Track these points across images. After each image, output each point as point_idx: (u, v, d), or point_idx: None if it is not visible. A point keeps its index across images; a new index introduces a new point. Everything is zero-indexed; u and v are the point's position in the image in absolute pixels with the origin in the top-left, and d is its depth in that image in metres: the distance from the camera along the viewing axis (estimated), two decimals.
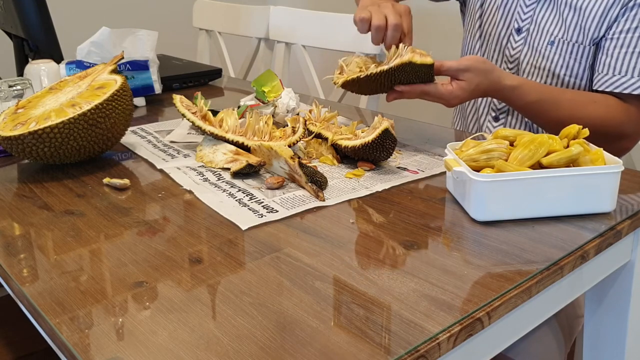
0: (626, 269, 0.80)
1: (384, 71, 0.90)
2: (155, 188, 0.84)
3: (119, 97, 0.90)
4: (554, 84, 1.07)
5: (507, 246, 0.67)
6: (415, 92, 0.92)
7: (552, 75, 1.07)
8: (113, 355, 0.49)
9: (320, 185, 0.80)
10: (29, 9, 1.25)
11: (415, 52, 0.89)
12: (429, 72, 0.90)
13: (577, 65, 1.05)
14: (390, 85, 0.92)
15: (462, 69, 0.91)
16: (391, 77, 0.91)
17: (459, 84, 0.91)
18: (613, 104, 1.01)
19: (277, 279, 0.60)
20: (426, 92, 0.92)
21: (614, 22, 1.00)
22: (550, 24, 1.07)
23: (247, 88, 1.47)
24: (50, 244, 0.69)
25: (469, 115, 1.26)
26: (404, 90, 0.92)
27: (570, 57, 1.05)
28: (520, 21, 1.11)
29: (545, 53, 1.07)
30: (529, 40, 1.10)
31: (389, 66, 0.89)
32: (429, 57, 0.88)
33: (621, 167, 0.73)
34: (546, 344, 0.99)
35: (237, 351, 0.49)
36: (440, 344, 0.52)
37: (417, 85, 0.91)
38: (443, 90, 0.91)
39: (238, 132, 0.94)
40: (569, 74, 1.06)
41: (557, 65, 1.06)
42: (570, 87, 1.07)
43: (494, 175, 0.71)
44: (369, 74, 0.92)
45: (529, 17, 1.10)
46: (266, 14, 1.76)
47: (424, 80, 0.91)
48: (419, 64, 0.88)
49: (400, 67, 0.89)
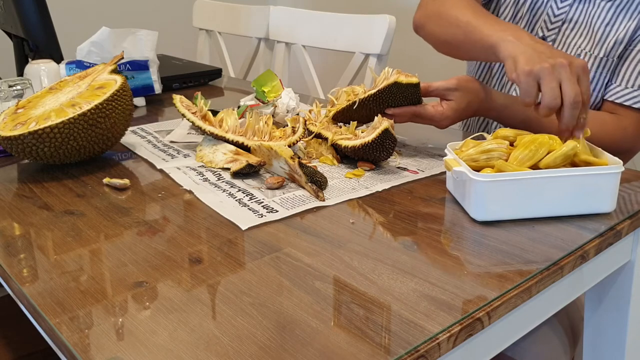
0: (626, 269, 0.80)
1: (372, 95, 0.91)
2: (155, 188, 0.84)
3: (119, 97, 0.90)
4: None
5: (507, 246, 0.67)
6: (406, 115, 0.92)
7: None
8: (113, 355, 0.49)
9: (320, 185, 0.80)
10: (29, 9, 1.25)
11: (401, 73, 0.90)
12: (416, 91, 0.90)
13: (602, 78, 1.01)
14: (379, 109, 0.93)
15: (451, 89, 0.90)
16: (379, 101, 0.91)
17: (449, 104, 0.91)
18: (609, 122, 0.99)
19: (277, 279, 0.60)
20: (417, 114, 0.91)
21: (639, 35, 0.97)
22: (578, 37, 1.03)
23: (247, 88, 1.47)
24: (50, 244, 0.69)
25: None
26: (395, 112, 0.91)
27: (597, 71, 1.01)
28: (546, 30, 1.07)
29: None
30: None
31: (376, 90, 0.91)
32: (414, 77, 0.89)
33: (621, 167, 0.73)
34: (548, 344, 0.99)
35: (237, 351, 0.49)
36: (440, 344, 0.52)
37: (407, 108, 0.91)
38: (434, 112, 0.91)
39: (238, 132, 0.94)
40: (591, 88, 1.02)
41: None
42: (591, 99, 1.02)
43: (494, 175, 0.71)
44: (356, 100, 0.93)
45: (557, 27, 1.06)
46: (266, 14, 1.76)
47: (412, 101, 0.91)
48: (405, 84, 0.89)
49: (387, 89, 0.90)
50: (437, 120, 0.92)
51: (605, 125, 0.98)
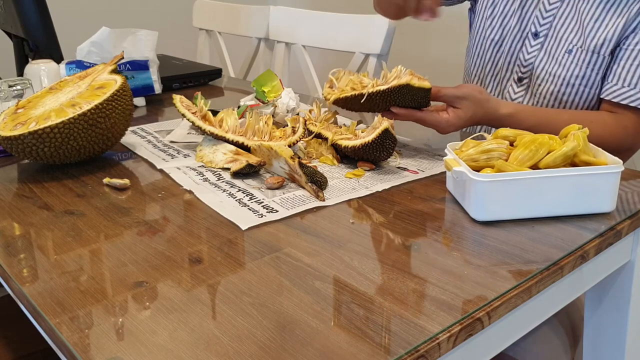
0: (626, 269, 0.80)
1: (381, 91, 0.90)
2: (155, 188, 0.84)
3: (119, 97, 0.90)
4: (567, 93, 1.05)
5: (507, 246, 0.67)
6: (411, 118, 0.92)
7: (567, 84, 1.05)
8: (113, 355, 0.49)
9: (320, 185, 0.80)
10: (29, 9, 1.25)
11: (414, 75, 0.89)
12: (426, 96, 0.90)
13: (593, 74, 1.03)
14: (384, 105, 0.92)
15: (460, 97, 0.91)
16: (387, 98, 0.90)
17: (456, 112, 0.91)
18: (610, 121, 1.00)
19: (277, 279, 0.60)
20: (421, 119, 0.92)
21: (631, 32, 0.99)
22: (569, 32, 1.04)
23: (247, 88, 1.47)
24: (50, 244, 0.69)
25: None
26: (400, 113, 0.91)
27: (588, 66, 1.03)
28: (538, 25, 1.08)
29: (562, 61, 1.05)
30: (546, 46, 1.07)
31: (386, 87, 0.89)
32: (426, 82, 0.89)
33: (621, 167, 0.73)
34: (549, 344, 0.99)
35: (237, 351, 0.49)
36: (440, 344, 0.52)
37: (413, 111, 0.91)
38: (440, 119, 0.91)
39: (238, 132, 0.94)
40: (584, 84, 1.04)
41: (572, 74, 1.04)
42: (585, 96, 1.05)
43: (494, 175, 0.71)
44: (365, 92, 0.91)
45: (548, 23, 1.07)
46: (266, 14, 1.76)
47: (420, 104, 0.91)
48: (417, 87, 0.88)
49: (398, 89, 0.89)
50: (442, 127, 0.92)
51: (606, 124, 0.99)
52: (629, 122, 1.00)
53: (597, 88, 1.04)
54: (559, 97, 1.06)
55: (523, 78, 1.11)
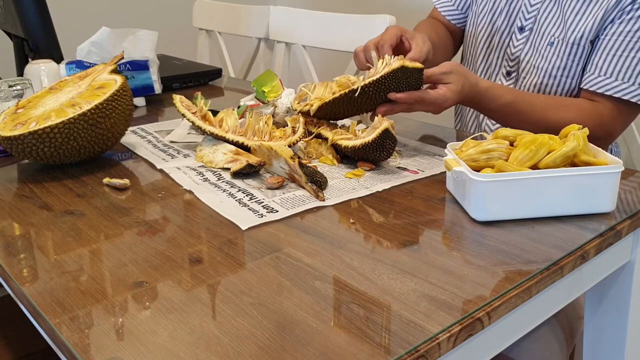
0: (626, 269, 0.80)
1: (375, 80, 0.88)
2: (155, 188, 0.84)
3: (119, 97, 0.90)
4: (550, 84, 1.08)
5: (507, 246, 0.67)
6: (411, 99, 0.90)
7: (549, 75, 1.08)
8: (113, 355, 0.49)
9: (320, 185, 0.80)
10: (29, 9, 1.25)
11: (404, 59, 0.88)
12: (420, 77, 0.89)
13: (574, 65, 1.06)
14: (380, 97, 0.90)
15: (447, 72, 0.91)
16: (382, 87, 0.88)
17: (448, 87, 0.91)
18: (586, 107, 1.02)
19: (277, 279, 0.60)
20: (421, 99, 0.91)
21: (609, 23, 1.01)
22: (552, 25, 1.08)
23: (247, 88, 1.47)
24: (50, 244, 0.69)
25: (468, 114, 1.26)
26: (399, 98, 0.89)
27: (569, 58, 1.06)
28: (523, 20, 1.12)
29: (544, 53, 1.08)
30: (531, 39, 1.11)
31: (379, 75, 0.88)
32: (418, 62, 0.88)
33: (621, 167, 0.73)
34: (547, 344, 0.99)
35: (237, 351, 0.49)
36: (440, 344, 0.52)
37: (411, 93, 0.90)
38: (436, 95, 0.91)
39: (238, 132, 0.94)
40: (565, 75, 1.07)
41: (554, 66, 1.07)
42: (567, 87, 1.08)
43: (494, 175, 0.71)
44: (357, 87, 0.88)
45: (533, 17, 1.10)
46: (266, 14, 1.76)
47: (415, 87, 0.90)
48: (412, 68, 0.88)
49: (392, 75, 0.87)
50: (439, 103, 0.92)
51: (581, 110, 1.02)
52: (605, 109, 1.02)
53: (577, 79, 1.07)
54: (542, 88, 1.10)
55: (511, 72, 1.15)
